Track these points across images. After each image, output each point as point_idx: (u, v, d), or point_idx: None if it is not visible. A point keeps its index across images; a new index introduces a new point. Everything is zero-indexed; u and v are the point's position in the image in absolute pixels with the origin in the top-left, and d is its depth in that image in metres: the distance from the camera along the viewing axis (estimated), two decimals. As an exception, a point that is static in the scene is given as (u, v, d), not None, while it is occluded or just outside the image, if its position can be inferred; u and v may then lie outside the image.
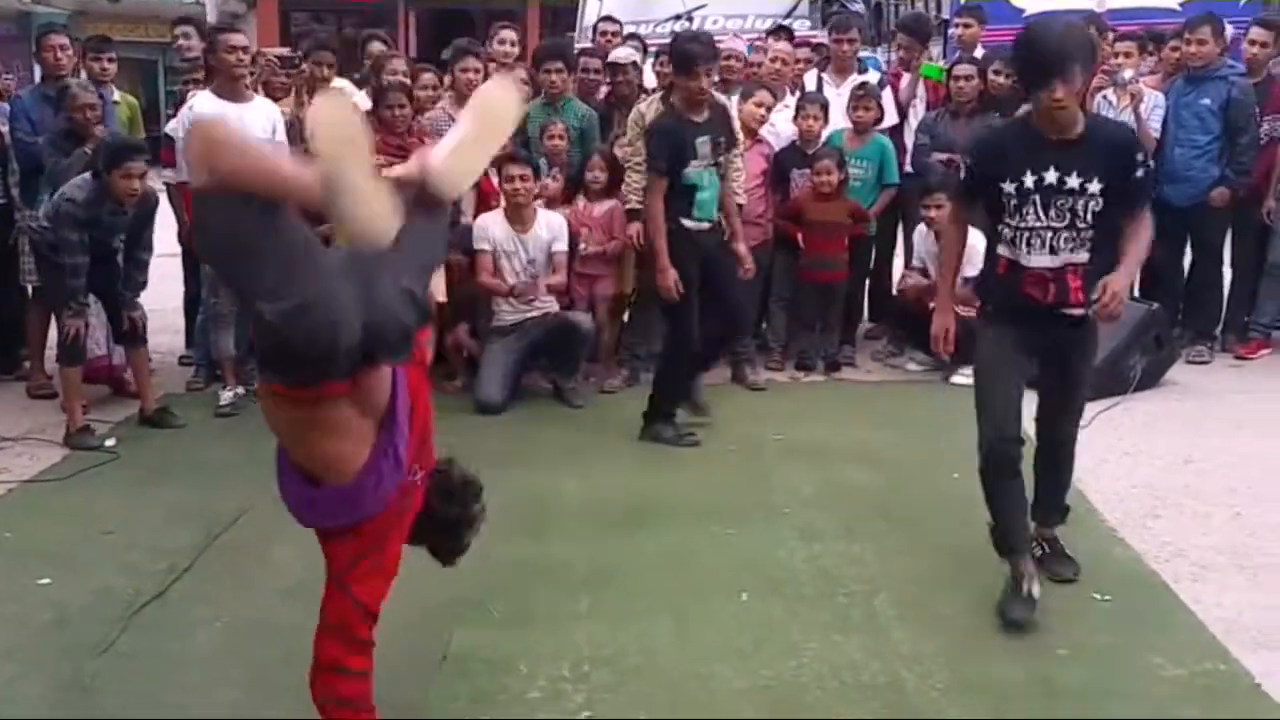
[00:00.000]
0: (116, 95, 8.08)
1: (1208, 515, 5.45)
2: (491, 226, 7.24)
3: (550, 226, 7.29)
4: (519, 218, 7.21)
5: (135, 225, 6.57)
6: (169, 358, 8.18)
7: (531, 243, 7.23)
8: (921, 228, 7.88)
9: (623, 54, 8.44)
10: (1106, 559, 4.95)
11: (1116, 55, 8.26)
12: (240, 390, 7.07)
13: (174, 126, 7.40)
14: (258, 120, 6.98)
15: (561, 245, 7.32)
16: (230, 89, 6.97)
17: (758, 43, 9.26)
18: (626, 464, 6.21)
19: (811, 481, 5.85)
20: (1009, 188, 4.27)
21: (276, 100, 7.55)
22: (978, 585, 4.49)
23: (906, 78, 8.75)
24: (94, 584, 4.69)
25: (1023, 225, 4.29)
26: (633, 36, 9.41)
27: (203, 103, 6.99)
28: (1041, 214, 4.26)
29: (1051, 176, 4.22)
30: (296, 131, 7.33)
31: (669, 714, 3.78)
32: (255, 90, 7.32)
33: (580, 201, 7.73)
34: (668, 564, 4.94)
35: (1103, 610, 4.47)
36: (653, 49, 9.08)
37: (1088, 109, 8.04)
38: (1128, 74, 8.08)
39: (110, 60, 8.07)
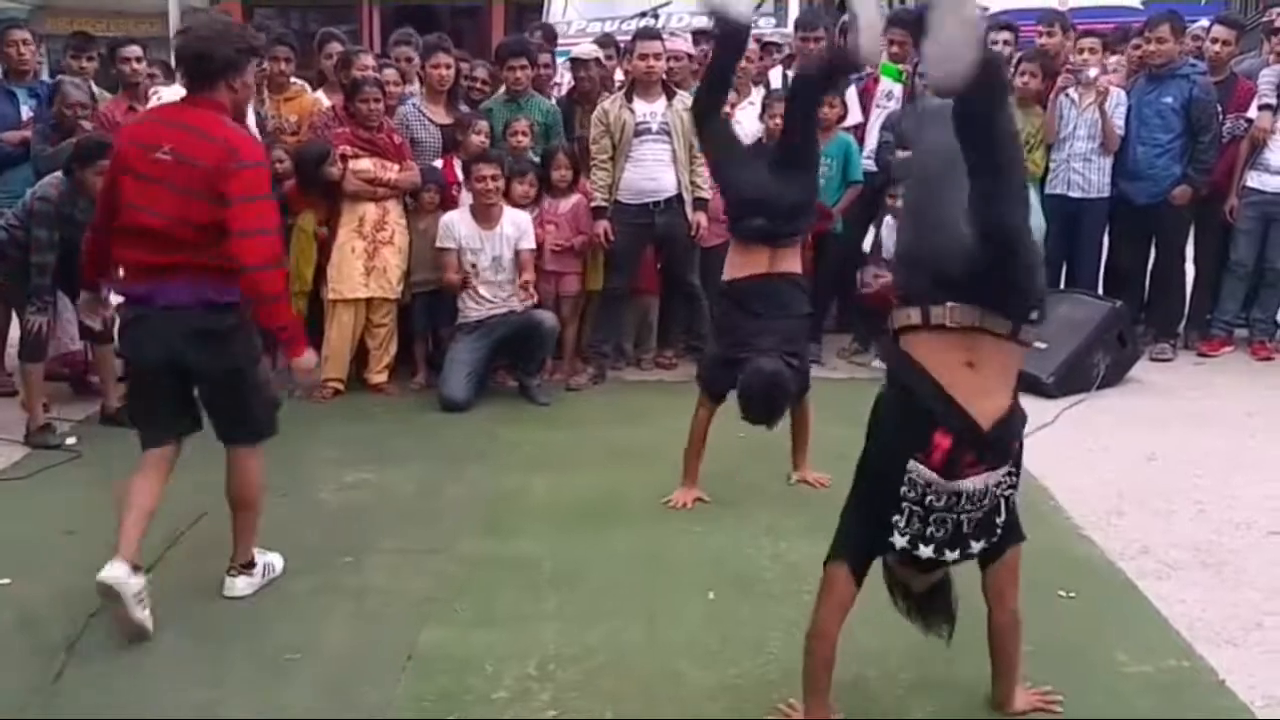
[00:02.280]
0: (96, 93, 8.03)
1: (1171, 512, 5.49)
2: (457, 224, 7.21)
3: (516, 224, 7.27)
4: (485, 216, 7.19)
5: None
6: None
7: (498, 240, 7.20)
8: (889, 219, 7.88)
9: (585, 50, 8.44)
10: (1071, 556, 4.97)
11: (1081, 52, 8.30)
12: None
13: None
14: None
15: (528, 244, 7.29)
16: None
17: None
18: (593, 462, 6.20)
19: (778, 479, 5.85)
20: None
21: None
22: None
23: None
24: (56, 584, 4.64)
25: None
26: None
27: (171, 96, 6.95)
28: None
29: None
30: (263, 124, 7.34)
31: (636, 712, 3.77)
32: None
33: (545, 199, 7.71)
34: (635, 562, 4.93)
35: (1067, 607, 4.48)
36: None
37: (1050, 108, 8.18)
38: (1093, 72, 8.13)
39: (90, 59, 8.04)
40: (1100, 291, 8.39)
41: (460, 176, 7.54)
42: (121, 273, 4.45)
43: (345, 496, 5.71)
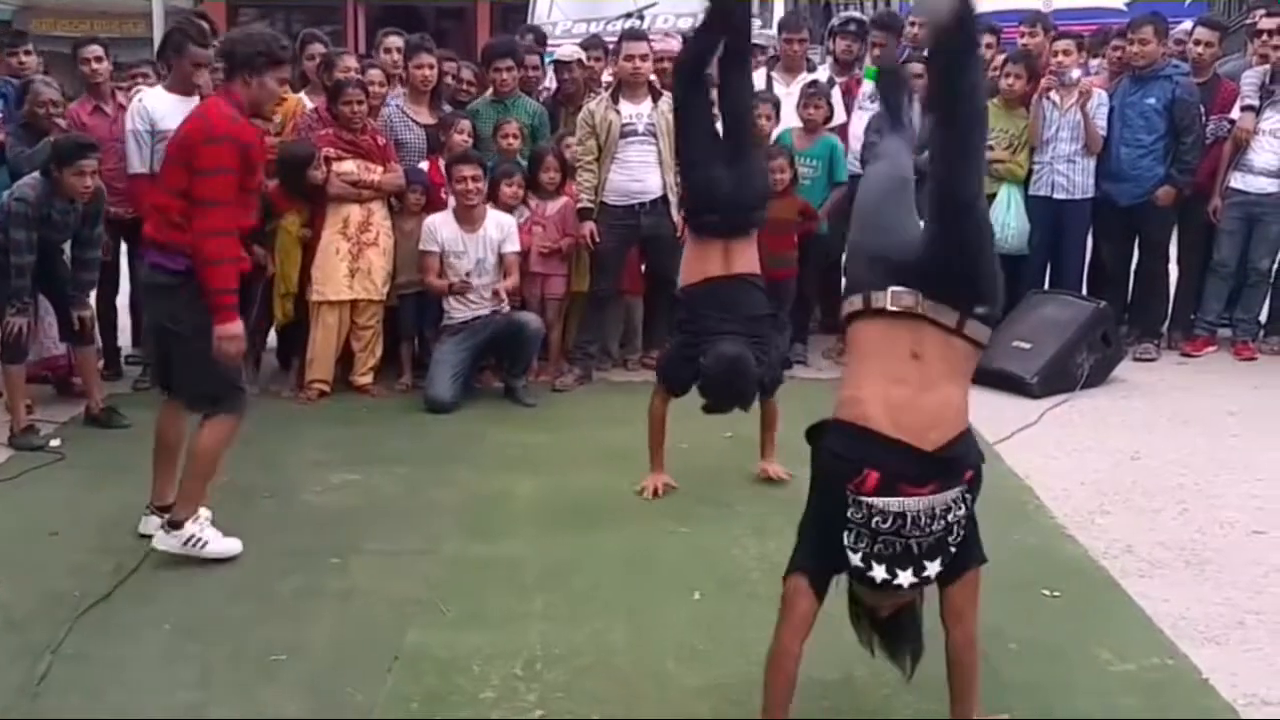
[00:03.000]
0: None
1: (1155, 511, 5.51)
2: (440, 227, 7.20)
3: (500, 226, 7.26)
4: (468, 218, 7.18)
5: (83, 223, 6.50)
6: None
7: (480, 243, 7.20)
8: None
9: (567, 52, 8.44)
10: (1055, 555, 5.00)
11: (1056, 54, 8.31)
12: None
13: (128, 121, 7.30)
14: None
15: (511, 246, 7.28)
16: (183, 88, 6.90)
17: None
18: (579, 463, 6.20)
19: (766, 480, 5.85)
20: None
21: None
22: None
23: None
24: (40, 586, 4.63)
25: None
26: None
27: (153, 98, 6.95)
28: None
29: None
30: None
31: (622, 713, 3.78)
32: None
33: (533, 200, 7.71)
34: (621, 563, 4.93)
35: (1052, 606, 4.50)
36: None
37: (1034, 110, 8.20)
38: (1075, 73, 8.15)
39: (27, 54, 8.00)
40: (1084, 292, 8.43)
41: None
42: None
43: (331, 498, 5.70)
